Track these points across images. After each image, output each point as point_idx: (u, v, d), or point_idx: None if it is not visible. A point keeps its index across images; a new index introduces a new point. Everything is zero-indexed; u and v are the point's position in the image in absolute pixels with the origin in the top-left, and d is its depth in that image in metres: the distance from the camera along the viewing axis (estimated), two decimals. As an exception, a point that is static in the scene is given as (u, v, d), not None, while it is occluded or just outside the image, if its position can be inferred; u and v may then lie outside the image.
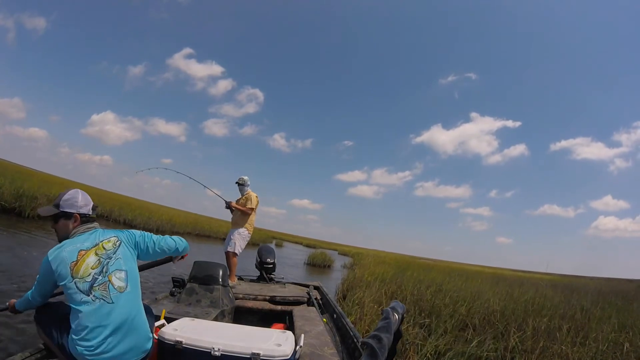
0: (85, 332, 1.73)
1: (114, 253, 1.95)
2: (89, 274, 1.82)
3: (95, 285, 1.81)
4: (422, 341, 4.26)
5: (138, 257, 2.11)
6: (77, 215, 2.01)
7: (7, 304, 2.20)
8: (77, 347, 1.73)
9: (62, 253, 1.85)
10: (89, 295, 1.78)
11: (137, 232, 2.17)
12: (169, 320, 2.47)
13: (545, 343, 4.26)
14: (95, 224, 2.08)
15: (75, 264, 1.83)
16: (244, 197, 5.40)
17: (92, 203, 2.10)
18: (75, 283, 1.79)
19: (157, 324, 2.39)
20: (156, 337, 2.12)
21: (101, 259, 1.89)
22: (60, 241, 1.98)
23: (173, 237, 2.38)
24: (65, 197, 2.01)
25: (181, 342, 1.99)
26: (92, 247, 1.91)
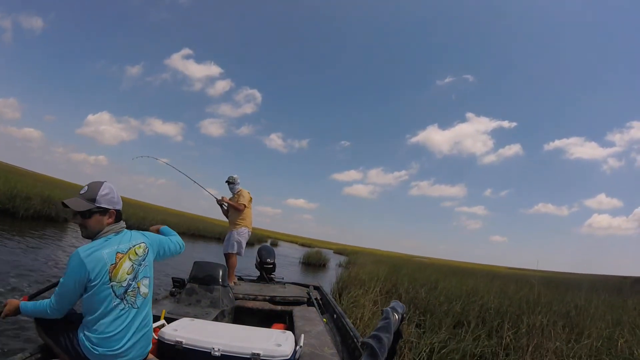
0: (112, 335, 1.77)
1: (144, 260, 1.96)
2: (125, 279, 1.82)
3: (129, 290, 1.84)
4: (417, 339, 4.30)
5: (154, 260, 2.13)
6: (114, 212, 1.92)
7: (4, 305, 1.94)
8: (98, 348, 1.75)
9: (100, 253, 1.77)
10: (122, 300, 1.80)
11: (158, 238, 2.16)
12: (169, 320, 2.48)
13: (539, 340, 4.31)
14: (124, 223, 2.01)
15: (115, 267, 1.79)
16: (236, 196, 5.37)
17: None
18: (112, 287, 1.77)
19: (157, 324, 2.40)
20: (156, 338, 2.14)
21: (134, 265, 1.89)
22: (85, 237, 1.89)
23: (175, 239, 2.33)
24: (102, 192, 1.88)
25: (181, 342, 2.01)
26: (127, 252, 1.88)
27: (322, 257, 20.85)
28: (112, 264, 1.79)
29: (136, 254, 1.92)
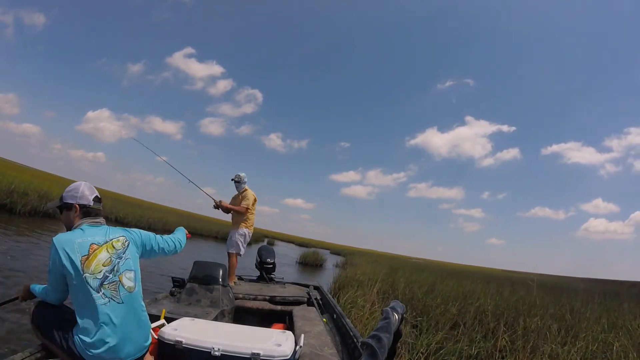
0: (95, 333, 1.75)
1: (124, 253, 1.96)
2: (100, 271, 1.81)
3: (105, 283, 1.82)
4: (414, 340, 4.31)
5: (141, 257, 2.13)
6: (77, 206, 1.99)
7: (19, 292, 2.14)
8: (91, 350, 1.74)
9: (73, 242, 1.82)
10: (98, 293, 1.78)
11: (142, 233, 2.19)
12: (169, 320, 2.48)
13: (535, 342, 4.33)
14: (102, 219, 2.07)
15: (87, 258, 1.80)
16: (240, 195, 5.28)
17: (95, 194, 2.08)
18: (85, 278, 1.77)
19: (157, 323, 2.40)
20: (156, 337, 2.14)
21: (112, 258, 1.88)
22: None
23: (176, 237, 2.39)
24: (68, 188, 2.03)
25: (181, 342, 2.00)
26: (103, 244, 1.89)
27: (319, 257, 20.88)
28: (85, 255, 1.80)
29: (114, 247, 1.93)
